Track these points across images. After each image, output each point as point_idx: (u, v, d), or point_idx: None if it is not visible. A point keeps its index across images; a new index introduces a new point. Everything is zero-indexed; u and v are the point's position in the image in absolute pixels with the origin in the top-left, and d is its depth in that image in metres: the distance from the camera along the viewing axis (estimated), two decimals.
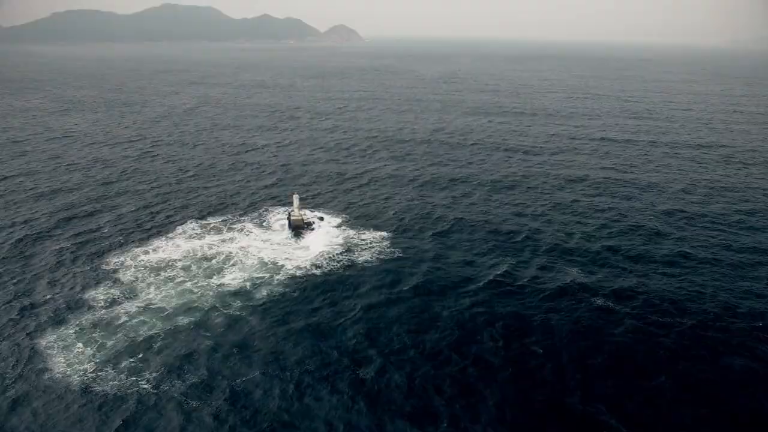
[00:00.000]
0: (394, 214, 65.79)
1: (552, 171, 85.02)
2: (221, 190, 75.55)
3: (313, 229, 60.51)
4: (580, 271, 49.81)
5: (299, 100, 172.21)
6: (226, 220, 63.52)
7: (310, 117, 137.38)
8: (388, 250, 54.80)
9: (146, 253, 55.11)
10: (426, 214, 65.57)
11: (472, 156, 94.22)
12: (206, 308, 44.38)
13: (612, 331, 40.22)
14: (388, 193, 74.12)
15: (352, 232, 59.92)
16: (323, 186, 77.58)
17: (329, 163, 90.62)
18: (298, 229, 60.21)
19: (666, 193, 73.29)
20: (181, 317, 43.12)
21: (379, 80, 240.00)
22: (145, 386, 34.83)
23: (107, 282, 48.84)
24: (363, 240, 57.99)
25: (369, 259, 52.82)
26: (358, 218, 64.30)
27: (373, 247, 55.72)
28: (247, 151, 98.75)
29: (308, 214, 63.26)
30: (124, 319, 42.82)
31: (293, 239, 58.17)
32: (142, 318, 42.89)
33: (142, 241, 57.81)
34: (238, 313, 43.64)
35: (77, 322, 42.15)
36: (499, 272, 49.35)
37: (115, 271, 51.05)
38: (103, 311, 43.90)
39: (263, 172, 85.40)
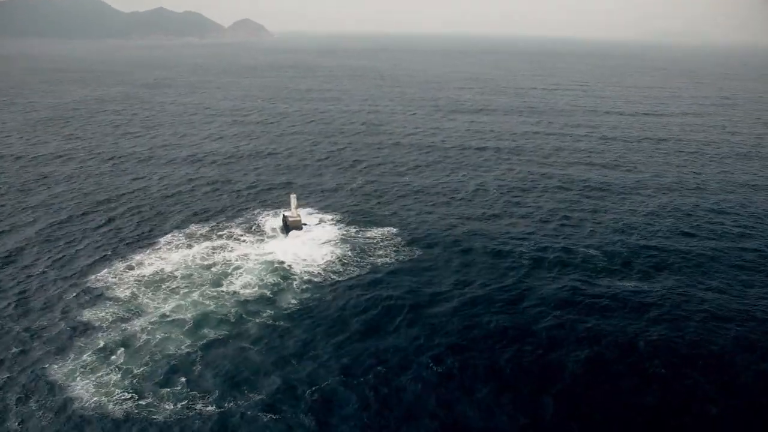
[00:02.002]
0: (392, 211, 67.38)
1: (540, 170, 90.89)
2: (197, 197, 72.62)
3: (311, 230, 60.58)
4: (610, 267, 53.85)
5: (238, 99, 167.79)
6: (212, 228, 61.60)
7: (259, 116, 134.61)
8: (405, 248, 56.26)
9: (131, 268, 52.31)
10: (427, 212, 67.70)
11: (451, 156, 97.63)
12: (231, 319, 43.34)
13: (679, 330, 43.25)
14: (379, 191, 75.49)
15: (354, 231, 60.72)
16: (307, 186, 77.09)
17: (305, 163, 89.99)
18: (297, 230, 59.99)
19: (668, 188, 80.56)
20: (207, 330, 41.80)
21: (312, 77, 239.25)
22: (208, 408, 33.54)
23: (104, 300, 45.89)
24: (370, 238, 59.03)
25: (387, 259, 53.89)
26: (355, 217, 65.13)
27: (386, 246, 56.96)
28: (206, 155, 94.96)
29: (302, 214, 63.02)
30: (144, 337, 40.70)
31: (294, 242, 57.87)
32: (163, 335, 41.01)
33: (123, 256, 54.63)
34: (272, 321, 43.06)
35: (90, 347, 39.38)
36: (534, 273, 51.50)
37: (106, 288, 48.01)
38: (114, 331, 41.35)
39: (237, 175, 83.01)
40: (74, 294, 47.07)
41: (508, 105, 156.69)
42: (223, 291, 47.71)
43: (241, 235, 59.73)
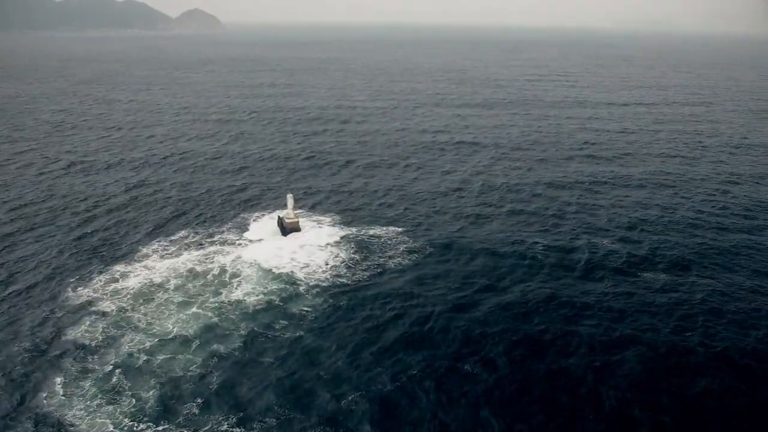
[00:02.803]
0: (395, 210, 66.38)
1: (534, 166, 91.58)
2: (180, 201, 69.52)
3: (309, 232, 59.08)
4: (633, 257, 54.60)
5: (202, 96, 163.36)
6: (201, 233, 59.18)
7: (230, 113, 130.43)
8: (416, 248, 55.36)
9: (114, 280, 49.66)
10: (433, 210, 66.74)
11: (448, 151, 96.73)
12: (242, 332, 41.48)
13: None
14: (378, 190, 74.28)
15: (355, 230, 59.46)
16: (299, 187, 74.71)
17: (293, 162, 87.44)
18: (295, 232, 58.39)
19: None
20: (216, 346, 39.81)
21: (278, 71, 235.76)
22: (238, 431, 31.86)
23: (89, 317, 43.19)
24: (375, 237, 57.91)
25: (400, 260, 52.91)
26: (355, 216, 63.91)
27: (394, 246, 55.87)
28: (183, 156, 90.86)
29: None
30: (144, 357, 38.44)
31: (293, 245, 56.12)
32: (167, 354, 38.84)
33: (104, 267, 51.76)
34: (289, 333, 41.38)
35: (84, 371, 36.86)
36: (559, 271, 51.36)
37: (89, 304, 45.28)
38: (108, 352, 38.93)
39: (222, 176, 79.87)
40: (55, 312, 44.17)
41: (492, 97, 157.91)
42: (224, 302, 45.72)
43: (235, 240, 57.58)
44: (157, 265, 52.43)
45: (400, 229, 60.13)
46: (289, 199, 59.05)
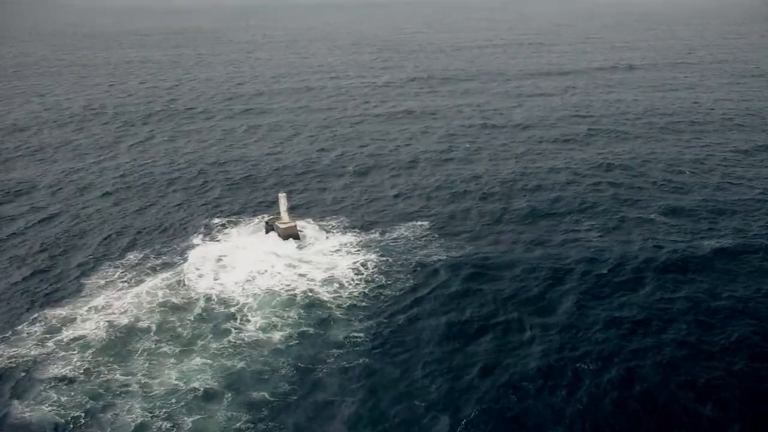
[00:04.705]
0: (413, 206, 61.67)
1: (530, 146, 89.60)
2: (124, 212, 60.86)
3: (314, 243, 52.46)
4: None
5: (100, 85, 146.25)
6: (164, 251, 50.82)
7: (154, 102, 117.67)
8: (452, 243, 51.44)
9: (56, 330, 40.13)
10: (457, 204, 62.63)
11: (457, 136, 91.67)
12: (282, 371, 35.47)
13: None
14: (375, 183, 69.61)
15: (377, 235, 53.56)
16: (280, 186, 66.59)
17: (267, 161, 79.13)
18: (294, 239, 51.53)
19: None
20: (256, 394, 33.53)
21: (171, 47, 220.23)
22: None
23: (45, 386, 34.07)
24: (401, 238, 52.56)
25: (438, 258, 48.56)
26: (361, 216, 58.55)
27: (428, 245, 51.18)
28: (119, 160, 79.26)
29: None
30: (165, 424, 30.78)
31: (294, 256, 49.28)
32: (195, 416, 31.32)
33: (39, 313, 41.82)
34: (344, 363, 36.24)
35: None
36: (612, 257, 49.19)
37: (34, 367, 35.88)
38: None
39: (173, 181, 70.91)
40: None
41: (481, 70, 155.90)
42: (237, 343, 38.18)
43: (213, 255, 49.44)
44: (114, 303, 43.35)
45: (426, 224, 55.68)
46: (282, 199, 52.20)
